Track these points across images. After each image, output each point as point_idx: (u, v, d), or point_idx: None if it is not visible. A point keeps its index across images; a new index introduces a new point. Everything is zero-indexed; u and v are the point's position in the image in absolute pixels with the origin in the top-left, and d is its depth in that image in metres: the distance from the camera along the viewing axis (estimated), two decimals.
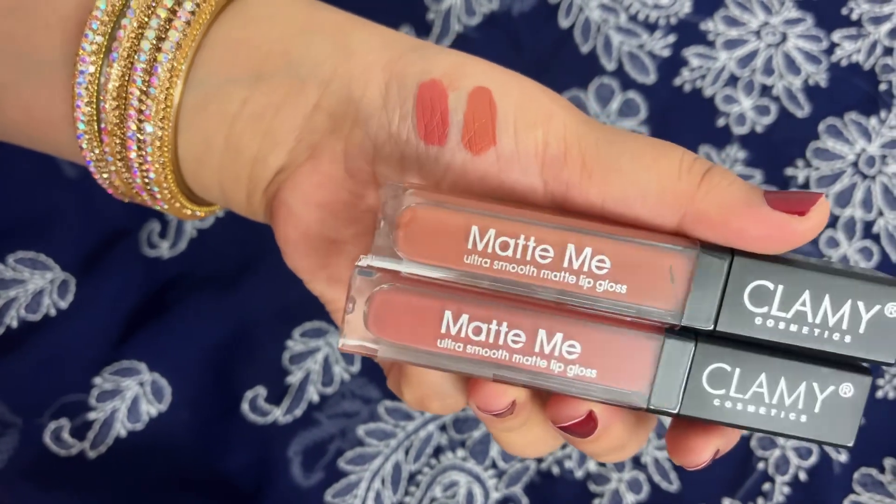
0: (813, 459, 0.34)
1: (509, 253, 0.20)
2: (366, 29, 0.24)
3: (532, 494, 0.34)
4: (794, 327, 0.20)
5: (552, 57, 0.38)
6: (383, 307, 0.21)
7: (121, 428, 0.34)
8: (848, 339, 0.20)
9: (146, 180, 0.24)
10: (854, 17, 0.38)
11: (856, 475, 0.34)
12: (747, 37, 0.38)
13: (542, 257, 0.20)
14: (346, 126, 0.23)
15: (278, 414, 0.35)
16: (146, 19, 0.23)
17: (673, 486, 0.34)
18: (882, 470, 0.34)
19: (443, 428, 0.35)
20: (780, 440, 0.34)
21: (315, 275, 0.24)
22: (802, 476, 0.34)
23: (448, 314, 0.21)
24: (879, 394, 0.35)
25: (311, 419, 0.35)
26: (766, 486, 0.34)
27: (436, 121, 0.22)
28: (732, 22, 0.38)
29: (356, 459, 0.34)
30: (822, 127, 0.37)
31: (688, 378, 0.21)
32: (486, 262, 0.20)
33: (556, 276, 0.20)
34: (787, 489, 0.34)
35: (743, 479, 0.34)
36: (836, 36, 0.37)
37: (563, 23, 0.38)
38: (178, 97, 0.23)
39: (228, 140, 0.23)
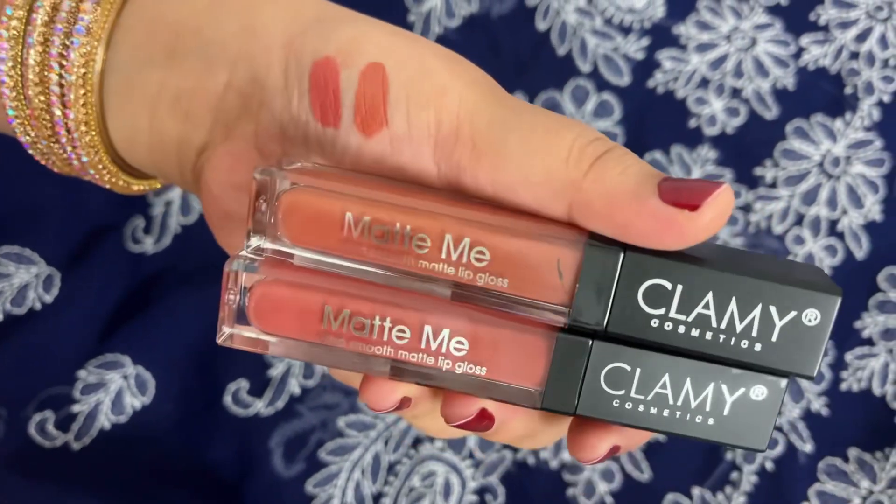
0: (779, 449, 0.35)
1: (385, 242, 0.19)
2: (275, 4, 0.22)
3: (508, 484, 0.35)
4: (695, 332, 0.18)
5: (530, 59, 0.39)
6: (264, 300, 0.19)
7: (105, 420, 0.35)
8: (758, 347, 0.18)
9: (81, 162, 0.24)
10: (821, 22, 0.39)
11: (821, 464, 0.35)
12: (718, 41, 0.39)
13: (420, 247, 0.19)
14: (255, 107, 0.22)
15: (260, 406, 0.35)
16: (59, 2, 0.22)
17: (644, 475, 0.35)
18: (846, 459, 0.35)
19: None
20: None
21: (236, 247, 0.24)
22: (769, 466, 0.35)
23: (328, 309, 0.19)
24: (843, 386, 0.36)
25: (293, 411, 0.35)
26: (734, 476, 0.35)
27: (329, 101, 0.21)
28: (704, 26, 0.39)
29: (336, 450, 0.35)
30: (789, 128, 0.38)
31: (584, 378, 0.19)
32: (363, 249, 0.19)
33: (434, 266, 0.19)
34: (754, 478, 0.35)
35: (712, 469, 0.35)
36: (804, 41, 0.39)
37: (541, 25, 0.39)
38: (98, 81, 0.23)
39: (152, 124, 0.23)
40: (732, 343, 0.18)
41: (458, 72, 0.20)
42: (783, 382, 0.19)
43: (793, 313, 0.18)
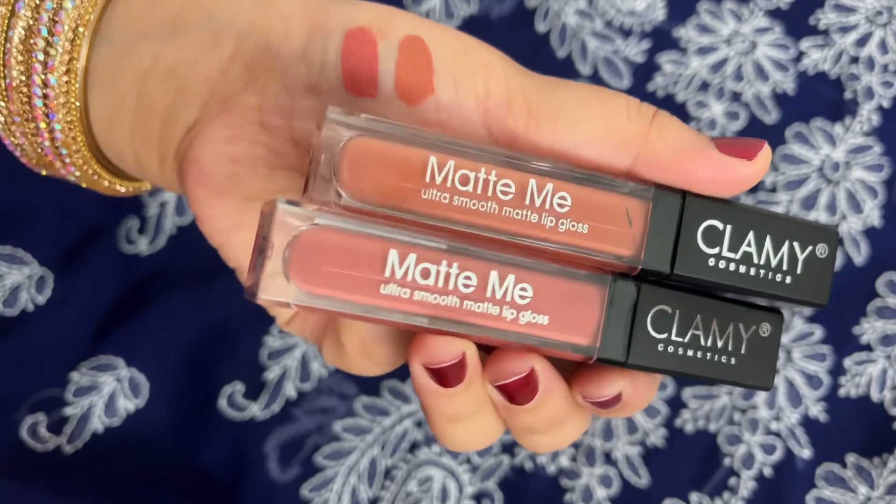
0: (777, 455, 0.35)
1: (469, 188, 0.18)
2: None
3: (505, 489, 0.35)
4: (742, 268, 0.20)
5: (529, 61, 0.39)
6: (311, 251, 0.18)
7: (98, 423, 0.34)
8: (788, 279, 0.21)
9: (54, 141, 0.23)
10: (821, 26, 0.39)
11: (819, 471, 0.35)
12: (718, 44, 0.39)
13: (504, 193, 0.19)
14: (262, 78, 0.21)
15: (255, 409, 0.35)
16: None
17: (643, 480, 0.35)
18: (844, 466, 0.35)
19: (418, 424, 0.35)
20: (746, 436, 0.35)
21: (229, 237, 0.23)
22: (767, 471, 0.35)
23: (394, 254, 0.18)
24: (842, 392, 0.36)
25: (289, 415, 0.35)
26: (732, 481, 0.35)
27: (364, 71, 0.20)
28: (704, 29, 0.39)
29: (333, 455, 0.35)
30: (789, 133, 0.38)
31: (633, 323, 0.20)
32: (445, 198, 0.18)
33: (517, 213, 0.19)
34: (752, 484, 0.35)
35: (709, 474, 0.35)
36: (804, 45, 0.39)
37: (541, 27, 0.39)
38: (87, 50, 0.22)
39: (140, 98, 0.22)
40: (770, 277, 0.20)
41: (494, 51, 0.21)
42: (781, 318, 0.21)
43: (810, 247, 0.21)
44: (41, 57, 0.22)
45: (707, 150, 0.19)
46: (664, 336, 0.20)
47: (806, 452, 0.35)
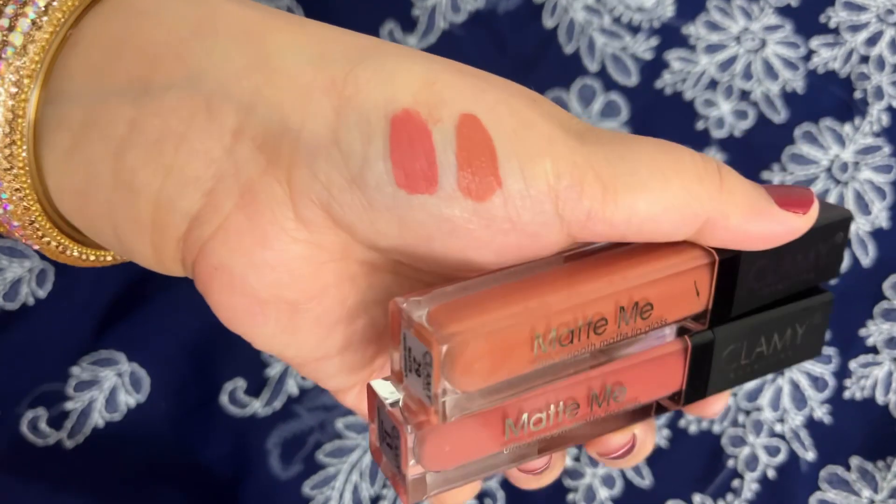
0: (781, 457, 0.35)
1: (571, 342, 0.19)
2: (282, 29, 0.19)
3: (508, 489, 0.35)
4: (782, 285, 0.22)
5: (536, 57, 0.38)
6: (437, 444, 0.19)
7: (98, 418, 0.34)
8: (813, 275, 0.23)
9: (5, 212, 0.19)
10: (832, 25, 0.38)
11: (822, 473, 0.35)
12: (728, 42, 0.38)
13: (599, 328, 0.19)
14: (284, 163, 0.18)
15: (257, 406, 0.35)
16: (2, 6, 0.18)
17: (645, 481, 0.35)
18: (848, 468, 0.35)
19: None
20: (750, 438, 0.35)
21: (274, 340, 0.20)
22: (771, 473, 0.35)
23: (509, 421, 0.19)
24: (846, 394, 0.35)
25: (291, 412, 0.35)
26: (736, 483, 0.35)
27: (420, 165, 0.17)
28: (713, 27, 0.38)
29: (335, 452, 0.35)
30: (797, 132, 0.38)
31: (710, 366, 0.22)
32: (555, 358, 0.19)
33: (611, 339, 0.20)
34: (755, 486, 0.35)
35: (713, 476, 0.35)
36: (814, 43, 0.38)
37: (548, 23, 0.38)
38: (35, 107, 0.18)
39: (118, 174, 0.19)
40: (803, 280, 0.23)
41: (543, 111, 0.19)
42: (830, 296, 0.24)
43: (830, 241, 0.22)
44: None
45: (770, 208, 0.20)
46: (734, 365, 0.22)
47: (810, 455, 0.35)
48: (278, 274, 0.19)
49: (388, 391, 0.19)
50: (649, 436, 0.23)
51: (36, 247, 0.21)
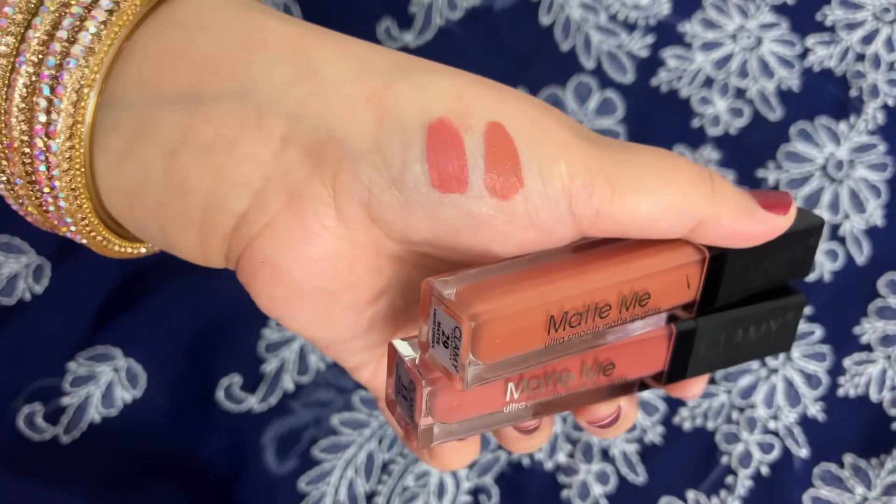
0: (775, 454, 0.35)
1: (580, 324, 0.21)
2: (326, 45, 0.20)
3: (502, 485, 0.35)
4: (759, 282, 0.24)
5: (532, 54, 0.38)
6: (448, 399, 0.21)
7: (95, 413, 0.34)
8: (790, 271, 0.25)
9: (59, 209, 0.21)
10: (828, 23, 0.38)
11: (816, 470, 0.35)
12: (723, 40, 0.38)
13: (603, 313, 0.21)
14: (329, 168, 0.20)
15: (253, 402, 0.35)
16: (60, 18, 0.20)
17: (640, 477, 0.35)
18: (841, 465, 0.35)
19: None
20: (744, 435, 0.35)
21: (310, 324, 0.22)
22: (764, 470, 0.35)
23: (510, 385, 0.22)
24: (840, 392, 0.36)
25: (286, 407, 0.35)
26: (730, 480, 0.35)
27: (453, 167, 0.19)
28: (709, 25, 0.38)
29: (330, 448, 0.35)
30: (793, 130, 0.38)
31: (691, 351, 0.24)
32: (563, 340, 0.21)
33: (612, 322, 0.22)
34: (749, 483, 0.35)
35: (707, 473, 0.35)
36: (810, 41, 0.38)
37: (544, 20, 0.38)
38: (91, 112, 0.20)
39: (170, 176, 0.20)
40: (780, 277, 0.25)
41: (558, 119, 0.21)
42: (802, 297, 0.26)
43: (804, 243, 0.24)
44: (43, 118, 0.20)
45: (755, 210, 0.22)
46: (713, 352, 0.25)
47: (804, 452, 0.35)
48: (319, 267, 0.21)
49: (407, 350, 0.22)
50: (632, 410, 0.25)
51: (83, 241, 0.22)
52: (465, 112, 0.20)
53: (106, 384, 0.34)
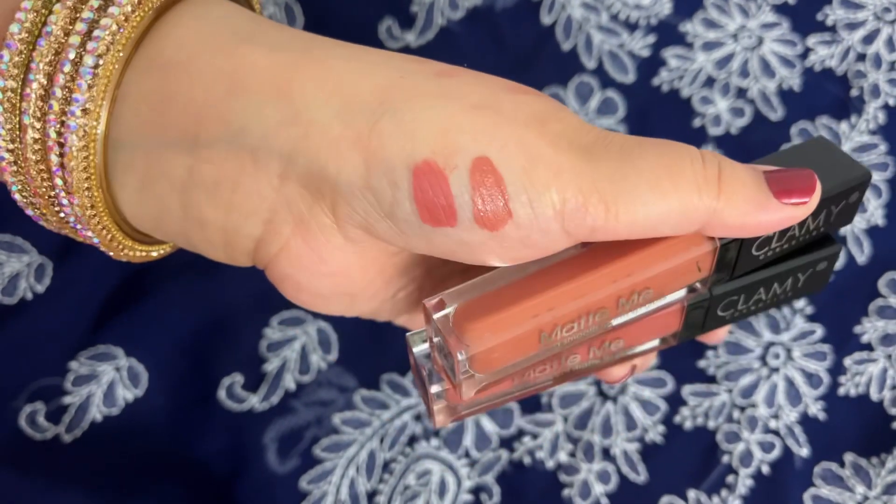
0: (776, 453, 0.35)
1: (576, 331, 0.22)
2: (309, 78, 0.21)
3: (504, 484, 0.35)
4: (787, 245, 0.24)
5: (533, 53, 0.38)
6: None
7: (96, 412, 0.34)
8: (822, 229, 0.24)
9: (86, 236, 0.23)
10: (829, 22, 0.38)
11: (817, 469, 0.35)
12: (725, 39, 0.38)
13: (603, 316, 0.22)
14: (327, 199, 0.21)
15: (255, 401, 0.35)
16: (53, 71, 0.20)
17: (641, 477, 0.35)
18: (842, 464, 0.35)
19: (417, 417, 0.35)
20: (745, 434, 0.35)
21: (340, 311, 0.25)
22: (765, 469, 0.35)
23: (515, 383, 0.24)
24: (841, 391, 0.36)
25: (288, 407, 0.35)
26: (731, 479, 0.35)
27: (441, 205, 0.20)
28: (711, 24, 0.38)
29: (331, 447, 0.35)
30: (794, 130, 0.38)
31: (706, 318, 0.25)
32: (558, 343, 0.22)
33: (614, 322, 0.23)
34: (750, 482, 0.35)
35: (708, 472, 0.35)
36: (811, 41, 0.38)
37: (546, 20, 0.38)
38: (101, 156, 0.21)
39: (187, 209, 0.22)
40: (811, 237, 0.24)
41: (553, 135, 0.20)
42: (838, 248, 0.25)
43: (843, 202, 0.23)
44: (61, 175, 0.21)
45: (768, 202, 0.21)
46: (730, 311, 0.25)
47: (804, 451, 0.35)
48: (336, 279, 0.23)
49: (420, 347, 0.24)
50: (648, 359, 0.27)
51: (111, 254, 0.24)
52: (450, 150, 0.20)
53: (107, 383, 0.34)
